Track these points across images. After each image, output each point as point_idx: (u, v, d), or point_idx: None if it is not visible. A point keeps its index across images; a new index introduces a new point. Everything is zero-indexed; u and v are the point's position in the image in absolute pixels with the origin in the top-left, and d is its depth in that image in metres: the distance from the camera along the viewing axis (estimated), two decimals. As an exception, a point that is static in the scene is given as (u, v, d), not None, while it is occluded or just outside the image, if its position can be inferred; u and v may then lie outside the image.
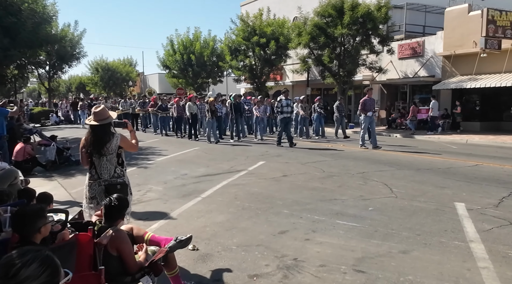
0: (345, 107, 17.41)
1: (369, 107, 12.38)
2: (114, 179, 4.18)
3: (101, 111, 4.12)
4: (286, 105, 12.67)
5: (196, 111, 15.03)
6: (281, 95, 13.36)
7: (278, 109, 12.80)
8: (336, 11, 19.49)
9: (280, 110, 12.69)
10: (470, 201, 5.82)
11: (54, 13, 16.67)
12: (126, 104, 21.53)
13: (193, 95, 16.44)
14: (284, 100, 12.74)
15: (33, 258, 1.52)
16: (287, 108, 12.69)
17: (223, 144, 14.03)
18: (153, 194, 7.10)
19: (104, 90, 46.53)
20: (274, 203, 6.07)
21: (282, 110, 12.65)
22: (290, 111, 12.95)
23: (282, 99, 12.79)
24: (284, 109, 12.65)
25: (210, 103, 14.15)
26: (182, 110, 16.21)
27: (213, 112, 14.10)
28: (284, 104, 12.65)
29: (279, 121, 12.93)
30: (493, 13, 16.10)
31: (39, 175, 9.56)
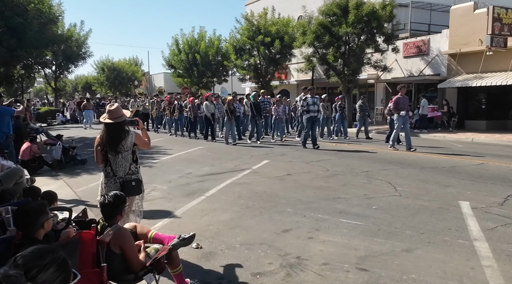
0: (368, 106, 16.56)
1: (402, 106, 11.49)
2: (129, 175, 4.24)
3: (116, 109, 4.18)
4: (312, 103, 11.82)
5: (213, 111, 14.48)
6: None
7: (303, 108, 11.97)
8: (341, 9, 19.42)
9: (306, 109, 11.85)
10: (475, 200, 5.80)
11: (60, 13, 16.79)
12: (135, 103, 21.05)
13: (209, 94, 15.71)
14: (310, 98, 11.89)
15: (51, 262, 1.50)
16: (313, 107, 11.84)
17: (241, 145, 13.34)
18: (158, 192, 7.14)
19: (110, 90, 46.80)
20: (278, 202, 6.08)
21: (308, 109, 11.81)
22: (317, 110, 12.02)
23: (307, 97, 11.95)
24: (310, 108, 11.81)
25: (228, 102, 13.56)
26: (197, 110, 15.66)
27: (232, 112, 13.47)
28: (310, 102, 11.81)
29: (304, 121, 12.11)
30: (499, 11, 15.99)
31: (45, 174, 9.63)
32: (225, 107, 13.56)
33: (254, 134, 14.49)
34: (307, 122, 11.96)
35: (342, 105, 15.83)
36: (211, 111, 14.29)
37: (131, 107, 20.23)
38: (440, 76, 19.63)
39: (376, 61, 20.58)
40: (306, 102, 11.85)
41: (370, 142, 14.06)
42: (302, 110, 12.12)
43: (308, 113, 11.83)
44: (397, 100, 11.59)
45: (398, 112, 11.46)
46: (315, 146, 11.84)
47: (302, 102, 12.08)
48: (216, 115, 14.70)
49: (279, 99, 15.59)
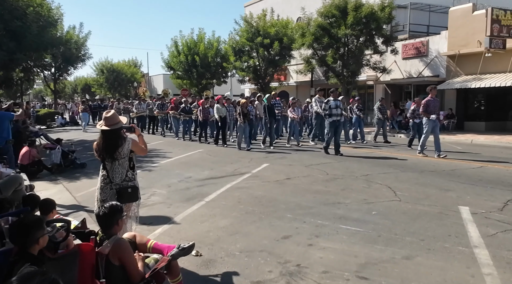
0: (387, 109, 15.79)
1: (433, 109, 10.63)
2: (126, 182, 4.24)
3: (112, 116, 4.18)
4: (335, 107, 11.04)
5: (225, 114, 13.83)
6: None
7: (325, 111, 11.14)
8: (340, 11, 19.45)
9: (329, 113, 11.06)
10: (475, 205, 5.79)
11: (59, 16, 16.78)
12: (140, 106, 20.18)
13: (221, 97, 14.95)
14: (333, 101, 11.09)
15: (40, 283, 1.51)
16: (336, 111, 11.06)
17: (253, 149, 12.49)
18: (157, 197, 7.13)
19: (109, 92, 46.81)
20: (277, 207, 6.07)
21: (331, 112, 11.04)
22: (340, 114, 11.22)
23: (330, 100, 11.16)
24: (333, 112, 11.03)
25: (242, 105, 12.76)
26: (207, 113, 14.90)
27: (246, 116, 12.68)
28: (332, 105, 11.02)
29: (327, 125, 11.31)
30: (497, 13, 16.00)
31: (44, 178, 9.62)
32: (238, 110, 12.91)
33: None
34: (330, 127, 11.17)
35: (359, 108, 15.09)
36: (222, 115, 13.71)
37: (136, 110, 19.90)
38: (439, 77, 19.65)
39: (375, 63, 20.61)
40: (328, 105, 11.08)
41: (390, 146, 13.48)
42: (324, 114, 11.29)
43: (331, 117, 11.07)
44: (427, 102, 10.66)
45: (428, 116, 10.55)
46: (338, 152, 11.06)
47: (324, 106, 11.28)
48: (227, 119, 14.14)
49: (295, 102, 14.57)
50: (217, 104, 13.92)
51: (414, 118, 12.50)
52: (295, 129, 13.85)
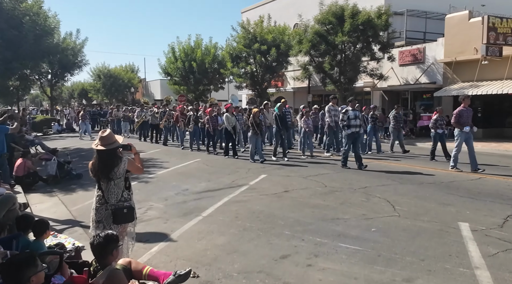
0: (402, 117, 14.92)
1: (466, 120, 9.83)
2: (121, 202, 4.18)
3: (108, 135, 4.12)
4: (354, 117, 10.42)
5: (235, 123, 13.14)
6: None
7: (343, 122, 10.49)
8: (337, 18, 19.51)
9: (347, 123, 10.40)
10: (474, 220, 5.74)
11: (55, 24, 16.69)
12: (142, 113, 19.55)
13: (230, 105, 14.17)
14: (351, 111, 10.47)
15: None
16: (355, 121, 10.43)
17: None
18: (154, 212, 7.06)
19: (106, 97, 46.69)
20: (275, 223, 6.00)
21: (349, 123, 10.39)
22: (359, 125, 10.63)
23: (348, 110, 10.53)
24: (352, 123, 10.39)
25: (255, 114, 12.04)
26: (216, 122, 14.11)
27: (258, 126, 12.00)
28: (351, 116, 10.40)
29: (344, 137, 10.71)
30: (493, 20, 16.06)
31: (40, 190, 9.52)
32: (250, 120, 12.23)
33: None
34: (347, 139, 10.52)
35: (375, 116, 14.26)
36: (232, 124, 12.99)
37: (138, 118, 19.42)
38: (436, 84, 19.69)
39: (372, 70, 20.66)
40: (346, 115, 10.42)
41: (412, 158, 12.75)
42: (342, 126, 10.63)
43: (349, 129, 10.40)
44: (459, 112, 9.84)
45: (461, 128, 9.74)
46: (361, 165, 10.38)
47: (342, 116, 10.59)
48: (237, 129, 13.49)
49: (308, 110, 13.75)
50: (227, 113, 13.24)
51: (437, 129, 11.85)
52: (309, 140, 13.20)
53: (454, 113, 10.02)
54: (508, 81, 16.32)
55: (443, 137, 11.80)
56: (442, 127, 11.76)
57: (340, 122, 10.80)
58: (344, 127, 10.55)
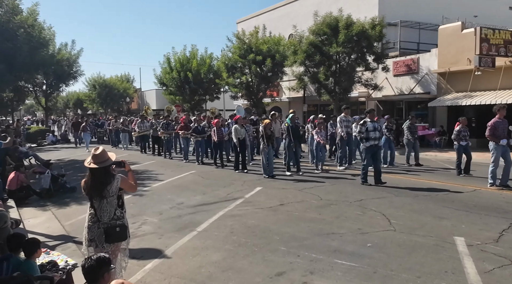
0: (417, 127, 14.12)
1: (502, 132, 9.16)
2: (114, 221, 4.13)
3: (101, 153, 4.09)
4: (373, 129, 9.76)
5: (244, 135, 12.57)
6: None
7: (361, 134, 9.86)
8: (331, 29, 19.63)
9: (365, 136, 9.77)
10: (470, 235, 5.73)
11: (50, 36, 16.68)
12: (143, 124, 18.83)
13: (239, 117, 13.60)
14: (370, 123, 9.84)
15: None
16: (374, 134, 9.75)
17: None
18: (148, 226, 7.00)
19: (101, 107, 46.57)
20: (271, 238, 5.96)
21: (368, 136, 9.74)
22: (379, 138, 9.97)
23: (367, 121, 9.94)
24: (371, 135, 9.73)
25: (266, 126, 11.35)
26: (221, 133, 13.54)
27: (269, 138, 11.32)
28: (370, 128, 9.77)
29: (363, 151, 10.01)
30: (486, 32, 16.24)
31: (33, 204, 9.44)
32: (260, 131, 11.57)
33: None
34: (366, 153, 9.84)
35: (389, 127, 13.48)
36: (241, 137, 12.42)
37: (138, 129, 18.81)
38: (430, 94, 19.82)
39: (367, 80, 20.77)
40: (365, 127, 9.81)
41: (430, 171, 12.12)
42: (360, 138, 10.01)
43: (368, 142, 9.76)
44: (495, 124, 9.19)
45: (496, 141, 9.07)
46: (379, 181, 9.69)
47: (360, 128, 10.05)
48: (247, 141, 12.86)
49: (321, 122, 12.78)
50: (236, 125, 12.67)
51: (460, 141, 11.10)
52: (321, 152, 12.35)
53: (489, 125, 9.27)
54: (502, 92, 16.46)
55: (468, 150, 11.13)
56: (466, 139, 11.05)
57: (358, 134, 10.17)
58: (362, 140, 9.90)
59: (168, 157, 16.56)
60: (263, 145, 11.34)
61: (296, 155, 12.01)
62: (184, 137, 15.19)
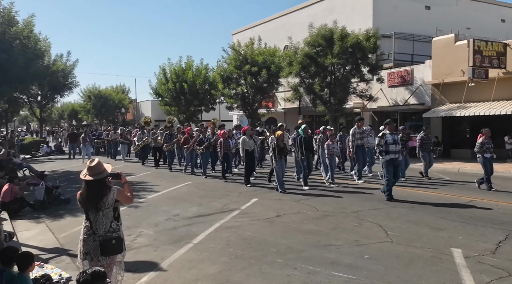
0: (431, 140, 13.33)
1: None
2: (110, 233, 4.08)
3: (96, 165, 4.05)
4: (393, 142, 9.10)
5: (253, 147, 12.09)
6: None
7: (380, 148, 9.19)
8: (326, 41, 19.84)
9: (384, 149, 9.12)
10: (467, 246, 5.72)
11: (46, 48, 16.67)
12: (143, 136, 18.20)
13: (248, 127, 13.03)
14: (389, 135, 9.20)
15: None
16: (394, 147, 9.09)
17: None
18: (144, 239, 6.92)
19: (96, 118, 46.47)
20: (267, 250, 5.92)
21: (388, 149, 9.08)
22: (399, 151, 9.30)
23: (385, 133, 9.27)
24: (391, 148, 9.07)
25: (278, 138, 10.68)
26: (228, 145, 13.11)
27: (282, 151, 10.68)
28: (389, 140, 9.10)
29: (383, 165, 9.31)
30: (479, 44, 16.46)
31: (27, 216, 9.33)
32: (272, 144, 10.92)
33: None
34: (387, 166, 9.18)
35: (404, 139, 12.67)
36: (250, 148, 11.88)
37: (139, 141, 18.13)
38: (425, 105, 19.98)
39: (362, 91, 20.93)
40: (384, 140, 9.16)
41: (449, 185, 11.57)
42: (379, 151, 9.30)
43: (388, 155, 9.11)
44: None
45: None
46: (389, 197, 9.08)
47: (378, 140, 9.34)
48: (256, 153, 12.29)
49: (333, 133, 12.30)
50: (244, 136, 12.12)
51: (484, 153, 10.60)
52: (332, 165, 11.74)
53: None
54: (495, 103, 16.62)
55: (491, 163, 10.56)
56: (490, 151, 10.55)
57: (377, 147, 9.42)
58: (381, 153, 9.23)
59: (170, 168, 15.91)
60: (276, 158, 10.59)
61: (309, 168, 11.46)
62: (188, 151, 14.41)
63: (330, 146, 11.68)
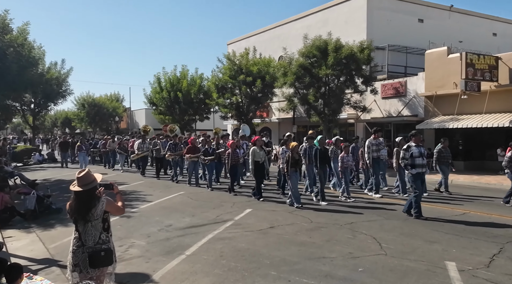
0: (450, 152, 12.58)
1: None
2: (99, 245, 4.02)
3: (85, 175, 4.00)
4: (419, 155, 8.58)
5: (263, 159, 11.48)
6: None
7: (405, 161, 8.64)
8: (320, 52, 19.97)
9: (410, 163, 8.58)
10: (461, 260, 5.72)
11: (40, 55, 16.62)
12: (144, 145, 17.59)
13: (259, 137, 12.27)
14: (415, 147, 8.65)
15: None
16: (420, 160, 8.56)
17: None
18: (136, 250, 6.83)
19: (90, 126, 46.24)
20: (261, 262, 5.86)
21: (414, 163, 8.54)
22: (425, 164, 8.77)
23: (411, 146, 8.71)
24: (417, 162, 8.53)
25: (293, 149, 9.95)
26: (237, 157, 12.56)
27: (297, 163, 10.04)
28: (416, 153, 8.57)
29: (410, 180, 8.87)
30: (471, 57, 16.65)
31: (17, 226, 9.18)
32: (286, 156, 10.22)
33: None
34: (415, 181, 8.61)
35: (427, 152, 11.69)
36: (261, 160, 11.34)
37: (139, 150, 17.50)
38: (418, 117, 20.12)
39: (356, 102, 21.04)
40: (409, 153, 8.62)
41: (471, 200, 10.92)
42: (404, 165, 8.74)
43: (415, 169, 8.57)
44: None
45: None
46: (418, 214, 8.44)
47: (403, 153, 8.76)
48: (266, 166, 11.64)
49: (347, 145, 11.61)
50: (254, 147, 11.45)
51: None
52: (346, 179, 11.09)
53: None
54: (487, 115, 16.78)
55: None
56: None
57: (402, 161, 8.84)
58: (407, 167, 8.69)
59: (175, 180, 15.06)
60: (291, 171, 9.91)
61: (324, 182, 10.95)
62: (192, 160, 13.75)
63: (344, 158, 11.03)
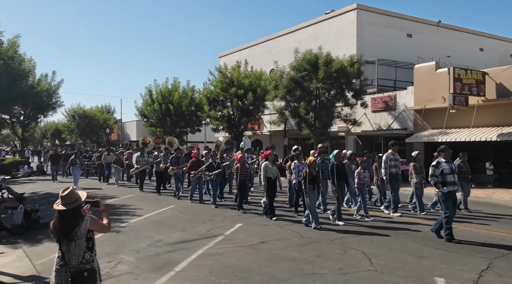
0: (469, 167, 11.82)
1: None
2: (82, 265, 3.95)
3: (69, 194, 3.95)
4: (451, 171, 7.89)
5: (275, 174, 10.79)
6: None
7: (435, 179, 7.93)
8: (311, 66, 20.20)
9: (441, 180, 7.90)
10: (450, 276, 5.74)
11: (30, 68, 16.54)
12: (142, 158, 16.88)
13: (271, 152, 11.67)
14: (445, 163, 7.98)
15: None
16: (451, 178, 7.85)
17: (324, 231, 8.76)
18: (124, 266, 6.75)
19: (80, 138, 45.89)
20: (251, 279, 5.83)
21: (445, 180, 7.86)
22: (457, 182, 8.03)
23: (441, 161, 8.03)
24: (448, 179, 7.83)
25: (311, 165, 9.30)
26: (247, 172, 11.97)
27: (315, 179, 9.34)
28: (446, 170, 7.88)
29: (440, 198, 8.12)
30: (459, 72, 16.95)
31: (3, 241, 9.01)
32: (303, 171, 9.55)
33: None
34: (445, 200, 7.92)
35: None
36: (273, 176, 10.70)
37: (138, 164, 16.71)
38: (407, 130, 20.33)
39: (346, 115, 21.23)
40: (439, 169, 7.92)
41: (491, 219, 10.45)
42: (434, 183, 7.99)
43: (446, 187, 7.85)
44: None
45: None
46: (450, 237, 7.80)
47: (433, 170, 8.02)
48: (279, 182, 11.07)
49: (364, 161, 11.08)
50: (266, 161, 10.87)
51: None
52: (363, 195, 10.46)
53: None
54: (475, 129, 17.02)
55: None
56: None
57: (431, 179, 8.06)
58: (437, 185, 7.95)
59: (177, 195, 14.32)
60: (309, 188, 9.21)
61: (342, 200, 10.41)
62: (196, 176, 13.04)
63: (361, 174, 10.53)
